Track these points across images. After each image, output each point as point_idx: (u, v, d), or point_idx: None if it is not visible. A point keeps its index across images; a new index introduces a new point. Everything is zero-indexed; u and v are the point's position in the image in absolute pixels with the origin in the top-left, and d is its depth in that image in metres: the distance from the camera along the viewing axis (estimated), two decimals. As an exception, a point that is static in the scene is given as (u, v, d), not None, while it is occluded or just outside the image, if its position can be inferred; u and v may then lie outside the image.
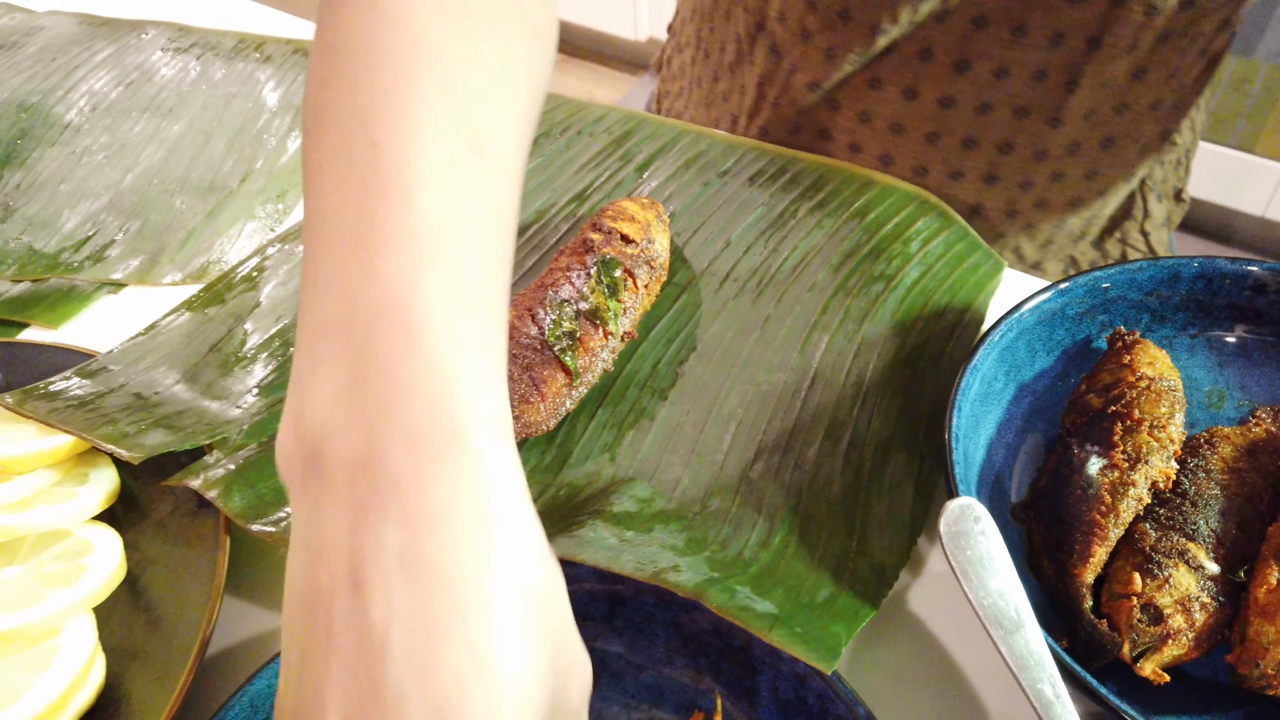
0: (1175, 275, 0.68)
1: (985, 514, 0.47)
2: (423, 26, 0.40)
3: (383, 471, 0.32)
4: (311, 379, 0.35)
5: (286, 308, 0.77)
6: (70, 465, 0.67)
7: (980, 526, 0.47)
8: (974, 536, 0.46)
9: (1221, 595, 0.54)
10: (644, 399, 0.71)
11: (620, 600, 0.55)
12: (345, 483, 0.32)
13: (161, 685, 0.56)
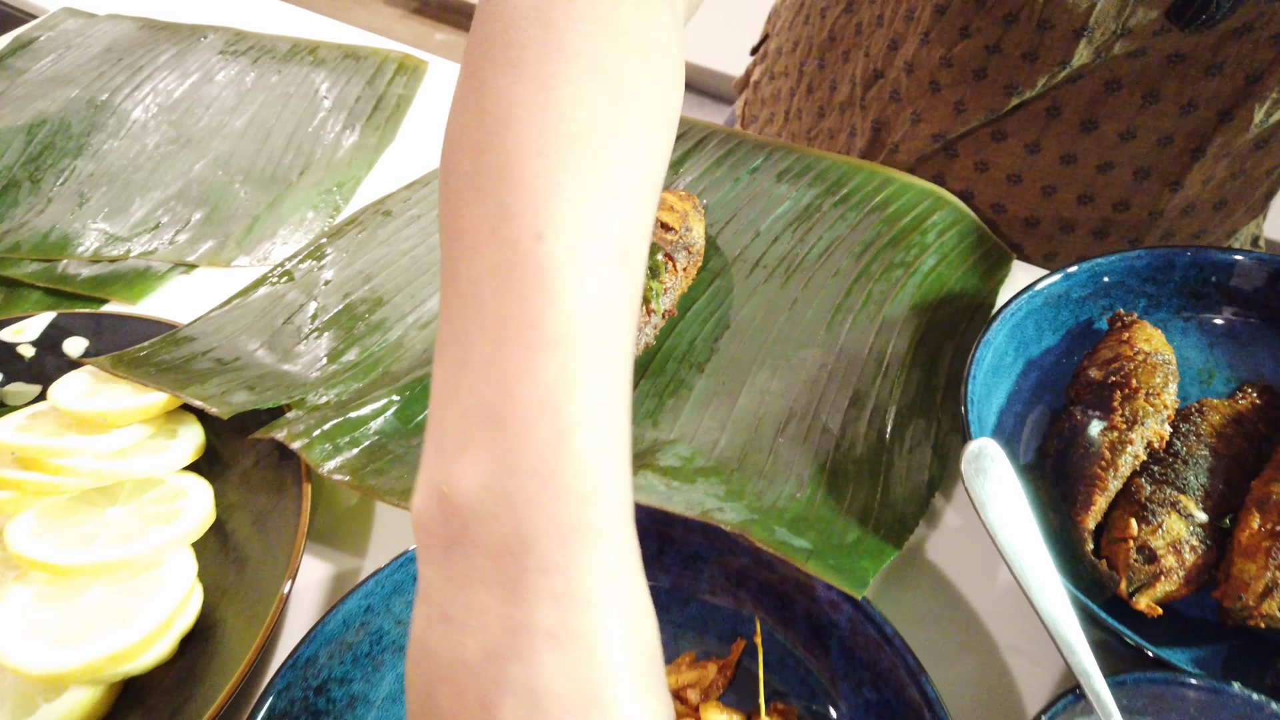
0: (1170, 263, 0.74)
1: (1000, 452, 0.53)
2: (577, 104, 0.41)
3: (535, 557, 0.36)
4: (459, 459, 0.38)
5: (351, 285, 0.83)
6: (161, 422, 0.73)
7: (995, 463, 0.53)
8: (990, 472, 0.53)
9: (1209, 539, 0.60)
10: (683, 371, 0.77)
11: (668, 539, 0.61)
12: (494, 566, 0.36)
13: (252, 617, 0.62)
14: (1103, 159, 0.84)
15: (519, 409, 0.37)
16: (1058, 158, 0.85)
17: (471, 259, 0.41)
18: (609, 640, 0.36)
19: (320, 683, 0.56)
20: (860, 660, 0.56)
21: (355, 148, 1.04)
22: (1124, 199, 0.87)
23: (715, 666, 0.59)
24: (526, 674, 0.35)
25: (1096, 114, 0.82)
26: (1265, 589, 0.56)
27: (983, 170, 0.89)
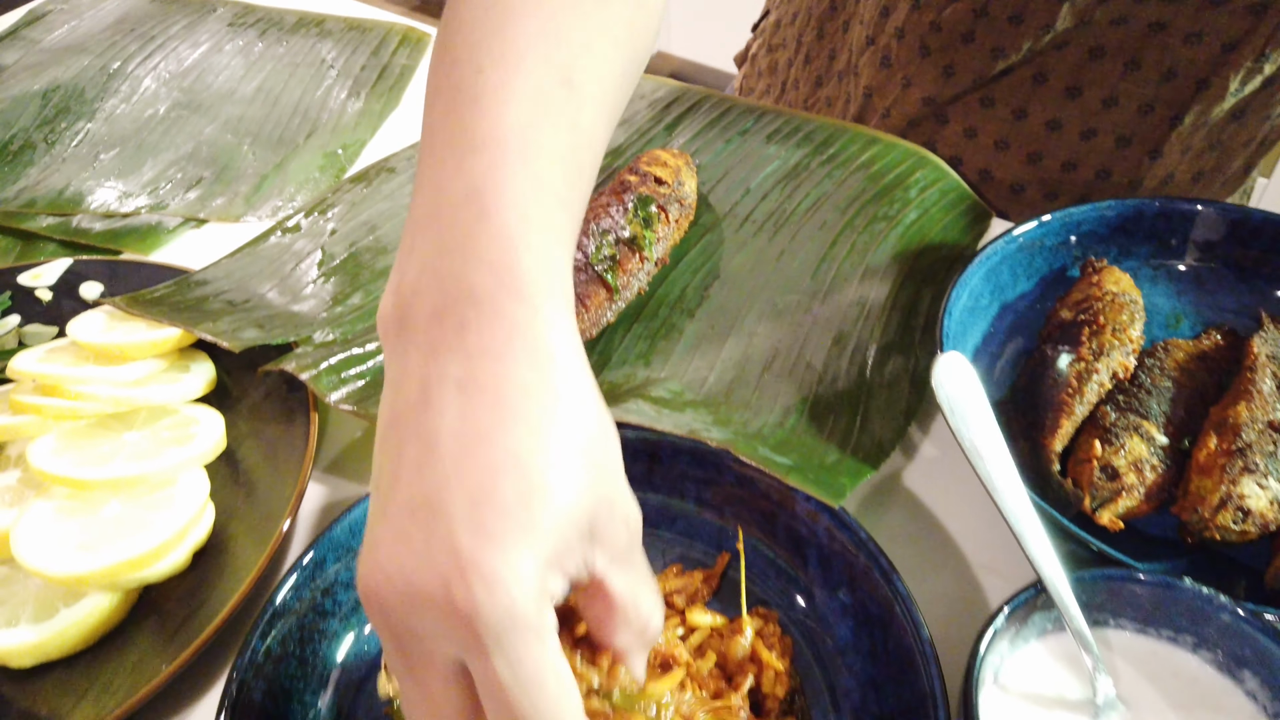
0: (1140, 213, 0.78)
1: (967, 364, 0.57)
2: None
3: (453, 321, 0.39)
4: (407, 260, 0.42)
5: (356, 235, 0.87)
6: (174, 358, 0.76)
7: (964, 375, 0.56)
8: (959, 385, 0.56)
9: (1169, 460, 0.63)
10: (674, 316, 0.80)
11: (656, 460, 0.65)
12: (424, 332, 0.40)
13: (261, 535, 0.66)
14: (1086, 125, 0.88)
15: (449, 201, 0.42)
16: (1043, 124, 0.89)
17: (432, 109, 0.47)
18: (511, 389, 0.37)
19: (327, 585, 0.59)
20: (837, 567, 0.59)
21: (360, 113, 1.07)
22: (1106, 166, 0.90)
23: (700, 576, 0.62)
24: (429, 420, 0.37)
25: (1081, 81, 0.85)
26: (1220, 502, 0.59)
27: (971, 136, 0.92)
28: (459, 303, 0.39)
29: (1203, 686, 0.53)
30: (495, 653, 0.35)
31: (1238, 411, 0.63)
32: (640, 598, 0.41)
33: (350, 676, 0.59)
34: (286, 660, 0.56)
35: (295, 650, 0.57)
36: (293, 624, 0.57)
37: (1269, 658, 0.51)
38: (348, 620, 0.60)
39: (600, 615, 0.41)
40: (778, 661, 0.56)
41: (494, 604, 0.34)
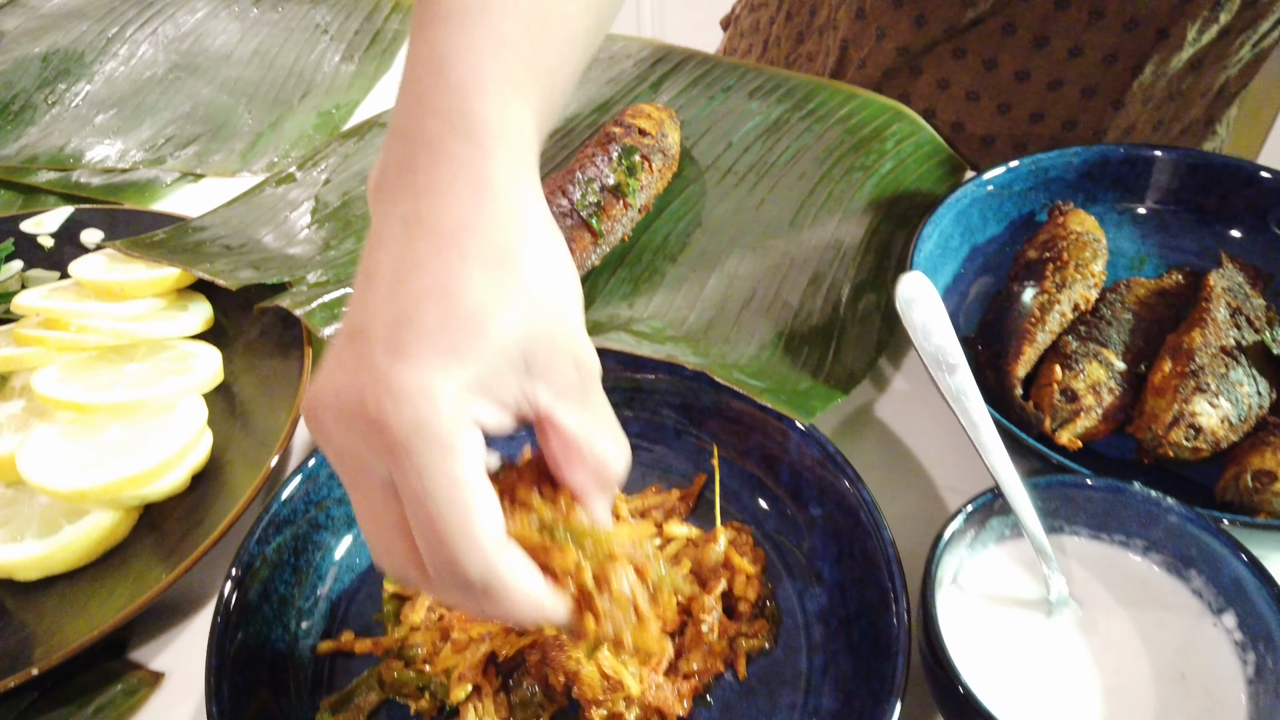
0: (1105, 159, 0.81)
1: (931, 286, 0.59)
2: None
3: (408, 168, 0.41)
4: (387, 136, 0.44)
5: (348, 185, 0.89)
6: (173, 298, 0.79)
7: (927, 294, 0.59)
8: (921, 301, 0.59)
9: (1125, 384, 0.66)
10: (657, 261, 0.83)
11: (637, 387, 0.68)
12: (388, 187, 0.42)
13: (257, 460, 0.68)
14: (1053, 76, 0.91)
15: (413, 70, 0.45)
16: (1012, 74, 0.92)
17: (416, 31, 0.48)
18: (450, 222, 0.39)
19: (320, 499, 0.62)
20: (807, 480, 0.62)
21: (353, 75, 1.10)
22: (1072, 117, 0.93)
23: (678, 494, 0.65)
24: (374, 255, 0.40)
25: (1048, 30, 0.88)
26: (1172, 420, 0.62)
27: (944, 88, 0.95)
28: (414, 150, 0.42)
29: (1152, 586, 0.56)
30: (406, 464, 0.36)
31: (1192, 337, 0.66)
32: (595, 438, 0.42)
33: (343, 586, 0.61)
34: (282, 567, 0.59)
35: (290, 559, 0.59)
36: (288, 534, 0.59)
37: (1213, 556, 0.54)
38: (340, 534, 0.63)
39: (555, 452, 0.42)
40: (749, 566, 0.59)
41: (401, 418, 0.36)
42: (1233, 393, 0.63)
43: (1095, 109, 0.92)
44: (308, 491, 0.61)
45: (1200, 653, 0.54)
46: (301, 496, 0.60)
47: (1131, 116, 0.93)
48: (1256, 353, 0.67)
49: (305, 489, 0.61)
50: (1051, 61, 0.90)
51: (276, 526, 0.59)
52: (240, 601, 0.56)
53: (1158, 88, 0.90)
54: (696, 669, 0.56)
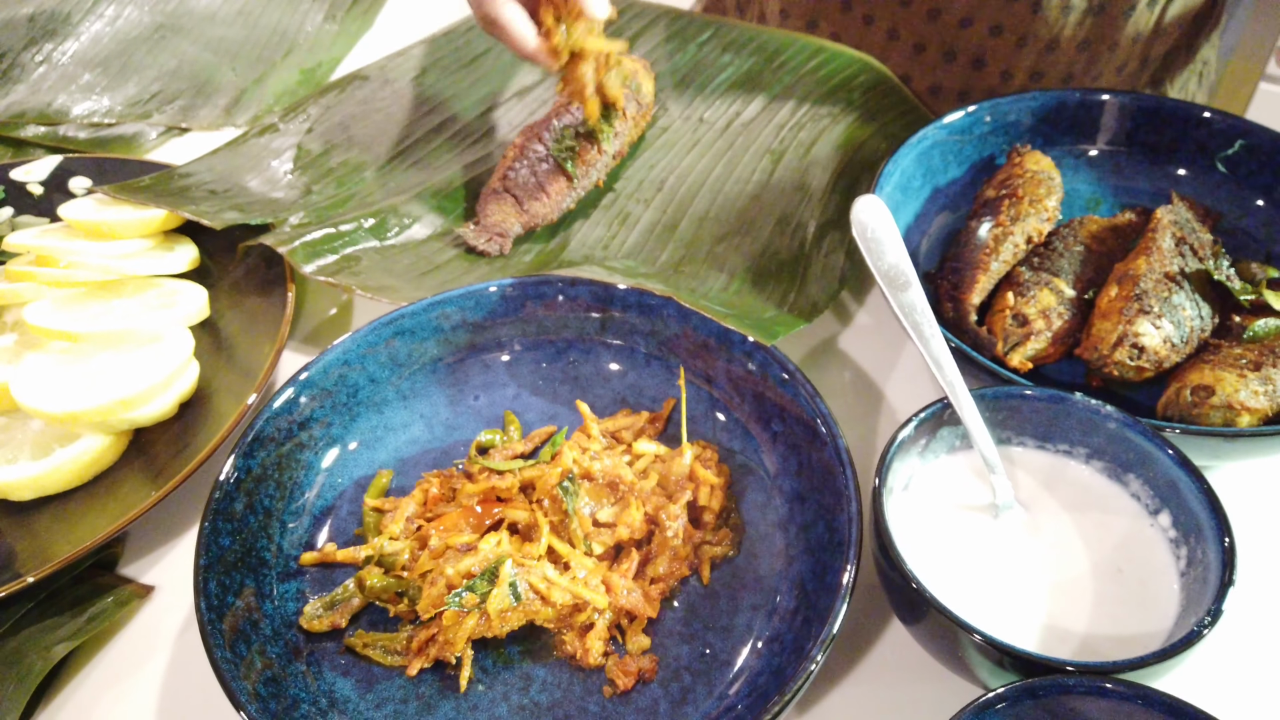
0: (1062, 103, 0.83)
1: (885, 209, 0.62)
2: None
3: None
4: None
5: (331, 135, 0.92)
6: (159, 239, 0.81)
7: (880, 215, 0.62)
8: (875, 222, 0.61)
9: (1075, 310, 0.69)
10: (630, 205, 0.86)
11: (609, 316, 0.70)
12: None
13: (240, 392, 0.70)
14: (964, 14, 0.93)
15: None
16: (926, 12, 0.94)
17: None
18: None
19: (303, 419, 0.64)
20: (769, 400, 0.65)
21: (336, 34, 1.12)
22: (998, 22, 0.94)
23: (646, 416, 0.68)
24: None
25: None
26: (1117, 340, 0.65)
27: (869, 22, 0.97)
28: None
29: (1094, 491, 0.59)
30: None
31: (1138, 264, 0.69)
32: None
33: (325, 502, 0.64)
34: (265, 481, 0.61)
35: (274, 474, 0.62)
36: (272, 451, 0.62)
37: (1149, 459, 0.57)
38: (321, 453, 0.65)
39: None
40: (713, 478, 0.62)
41: None
42: (1175, 315, 0.67)
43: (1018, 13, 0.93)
44: (291, 412, 0.63)
45: (1137, 550, 0.57)
46: (285, 416, 0.63)
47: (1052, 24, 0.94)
48: (1200, 279, 0.70)
49: (289, 409, 0.63)
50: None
51: (261, 444, 0.61)
52: (228, 510, 0.58)
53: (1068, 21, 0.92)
54: (663, 573, 0.59)
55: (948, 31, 0.96)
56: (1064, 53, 0.96)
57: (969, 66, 0.98)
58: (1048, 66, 0.97)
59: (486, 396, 0.70)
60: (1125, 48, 0.96)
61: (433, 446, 0.68)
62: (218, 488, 0.58)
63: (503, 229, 0.81)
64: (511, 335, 0.71)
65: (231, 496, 0.59)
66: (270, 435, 0.62)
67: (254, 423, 0.62)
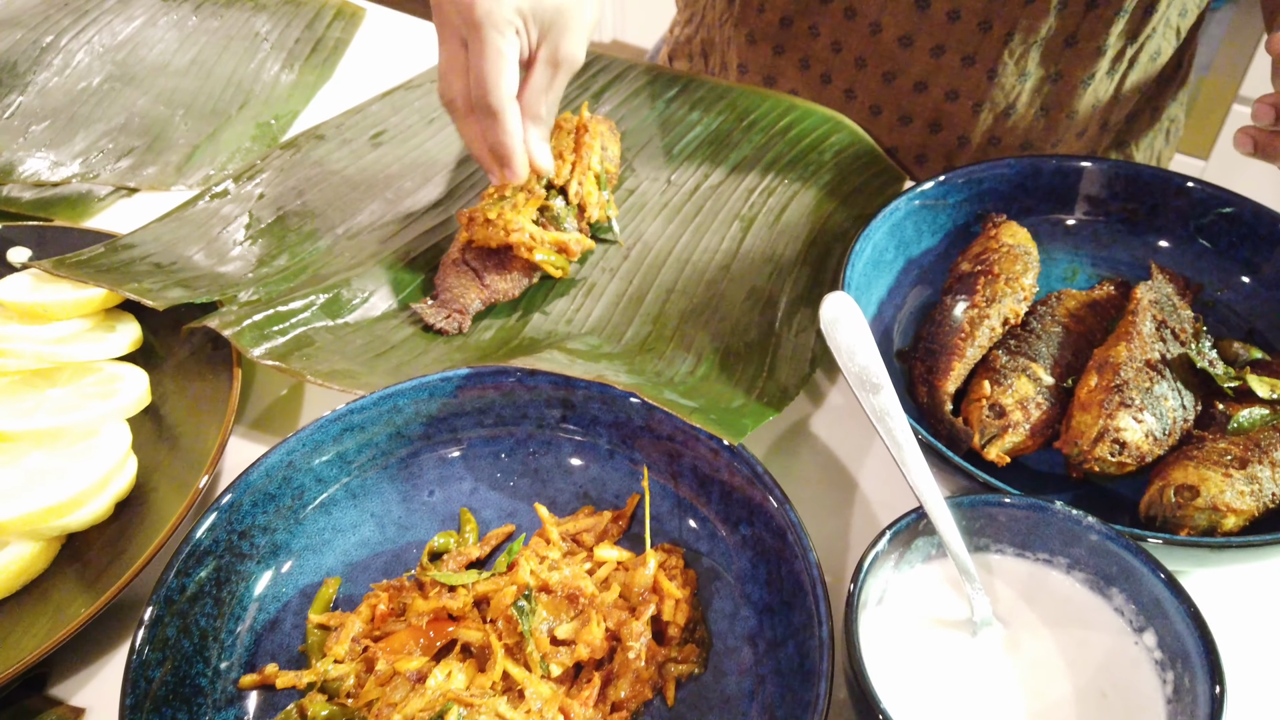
0: (1038, 170, 0.81)
1: (855, 306, 0.59)
2: None
3: None
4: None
5: (284, 200, 0.88)
6: (100, 319, 0.77)
7: (851, 315, 0.59)
8: (845, 321, 0.59)
9: (1053, 399, 0.67)
10: (596, 275, 0.83)
11: (570, 406, 0.67)
12: None
13: (183, 486, 0.67)
14: (935, 41, 0.92)
15: None
16: (896, 39, 0.93)
17: None
18: None
19: (244, 528, 0.61)
20: (738, 501, 0.62)
21: (293, 85, 1.08)
22: (954, 87, 0.94)
23: (610, 516, 0.64)
24: None
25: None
26: (1098, 435, 0.63)
27: (837, 51, 0.97)
28: None
29: (1075, 604, 0.57)
30: (477, 31, 0.69)
31: (1118, 351, 0.67)
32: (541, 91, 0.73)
33: (267, 616, 0.60)
34: (202, 599, 0.58)
35: (211, 590, 0.59)
36: (209, 565, 0.59)
37: (1133, 573, 0.55)
38: (265, 562, 0.62)
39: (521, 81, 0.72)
40: (678, 591, 0.59)
41: (480, 8, 0.68)
42: (1157, 407, 0.64)
43: (973, 78, 0.93)
44: (230, 520, 0.60)
45: (1121, 671, 0.54)
46: (224, 526, 0.60)
47: (1008, 90, 0.93)
48: (1181, 365, 0.67)
49: (228, 518, 0.60)
50: (933, 25, 0.91)
51: (197, 558, 0.58)
52: (158, 637, 0.55)
53: (1031, 61, 0.91)
54: (625, 697, 0.56)
55: (903, 95, 0.95)
56: (1021, 118, 0.95)
57: (925, 130, 0.97)
58: (1004, 132, 0.96)
59: (442, 492, 0.67)
60: (1085, 114, 0.95)
61: (384, 549, 0.65)
62: (147, 616, 0.55)
63: (462, 304, 0.78)
64: (468, 426, 0.68)
65: (163, 622, 0.55)
66: (206, 548, 0.59)
67: (190, 535, 0.58)
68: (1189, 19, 0.96)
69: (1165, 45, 0.95)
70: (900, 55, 0.93)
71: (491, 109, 0.70)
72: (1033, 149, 0.98)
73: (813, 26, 0.97)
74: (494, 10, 0.68)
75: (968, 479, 0.61)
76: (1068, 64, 0.91)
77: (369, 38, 1.16)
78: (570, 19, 0.72)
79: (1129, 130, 1.01)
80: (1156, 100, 1.00)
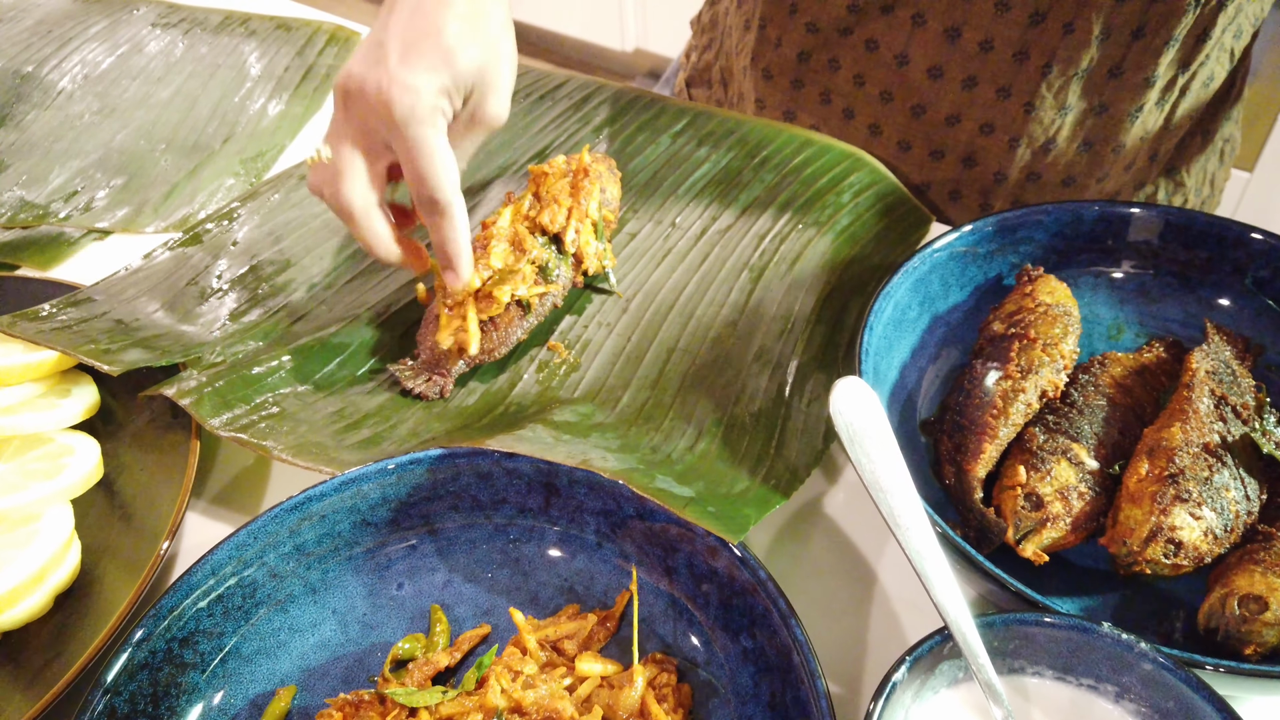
0: (1078, 218, 0.73)
1: (871, 392, 0.52)
2: None
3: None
4: None
5: (260, 247, 0.82)
6: (54, 381, 0.72)
7: (865, 401, 0.52)
8: (860, 409, 0.52)
9: (1098, 487, 0.59)
10: (592, 331, 0.76)
11: (554, 491, 0.60)
12: None
13: (131, 574, 0.61)
14: (967, 72, 0.84)
15: None
16: (925, 71, 0.85)
17: None
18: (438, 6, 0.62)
19: (186, 635, 0.54)
20: (737, 608, 0.55)
21: (280, 116, 1.02)
22: (989, 120, 0.86)
23: (595, 619, 0.58)
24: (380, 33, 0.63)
25: (958, 21, 0.82)
26: (1150, 534, 0.55)
27: (860, 85, 0.89)
28: None
29: (1124, 739, 0.49)
30: (403, 131, 0.61)
31: (1171, 434, 0.59)
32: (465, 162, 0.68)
33: (212, 732, 0.54)
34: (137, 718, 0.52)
35: (147, 709, 0.52)
36: (144, 680, 0.52)
37: (1194, 712, 0.47)
38: (211, 671, 0.55)
39: None
40: (667, 716, 0.52)
41: (403, 100, 0.60)
42: (1217, 500, 0.56)
43: (1010, 112, 0.85)
44: (170, 628, 0.54)
45: (1179, 824, 0.46)
46: (162, 634, 0.53)
47: (1047, 125, 0.86)
48: (1244, 448, 0.60)
49: (167, 625, 0.54)
50: (964, 56, 0.84)
51: (130, 673, 0.52)
52: (81, 769, 0.49)
53: (1072, 94, 0.84)
54: (606, 838, 0.49)
55: (934, 129, 0.88)
56: (1063, 153, 0.87)
57: (959, 165, 0.89)
58: (1044, 168, 0.88)
59: (412, 585, 0.61)
60: (1132, 147, 0.87)
61: (346, 651, 0.58)
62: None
63: (444, 367, 0.71)
64: (441, 513, 0.61)
65: (87, 752, 0.49)
66: (143, 661, 0.52)
67: (119, 648, 0.52)
68: (1244, 40, 0.88)
69: (1219, 70, 0.87)
70: (929, 88, 0.86)
71: (440, 207, 0.64)
72: (1076, 185, 0.90)
73: (832, 60, 0.89)
74: (416, 105, 0.60)
75: (995, 583, 0.53)
76: (1113, 96, 0.83)
77: (363, 65, 1.10)
78: (492, 76, 0.65)
79: (1179, 156, 0.93)
80: (1209, 124, 0.93)
